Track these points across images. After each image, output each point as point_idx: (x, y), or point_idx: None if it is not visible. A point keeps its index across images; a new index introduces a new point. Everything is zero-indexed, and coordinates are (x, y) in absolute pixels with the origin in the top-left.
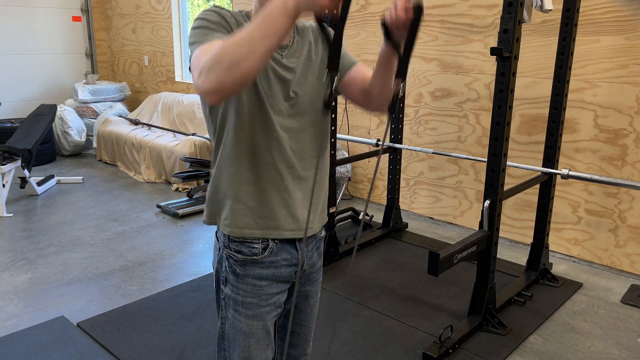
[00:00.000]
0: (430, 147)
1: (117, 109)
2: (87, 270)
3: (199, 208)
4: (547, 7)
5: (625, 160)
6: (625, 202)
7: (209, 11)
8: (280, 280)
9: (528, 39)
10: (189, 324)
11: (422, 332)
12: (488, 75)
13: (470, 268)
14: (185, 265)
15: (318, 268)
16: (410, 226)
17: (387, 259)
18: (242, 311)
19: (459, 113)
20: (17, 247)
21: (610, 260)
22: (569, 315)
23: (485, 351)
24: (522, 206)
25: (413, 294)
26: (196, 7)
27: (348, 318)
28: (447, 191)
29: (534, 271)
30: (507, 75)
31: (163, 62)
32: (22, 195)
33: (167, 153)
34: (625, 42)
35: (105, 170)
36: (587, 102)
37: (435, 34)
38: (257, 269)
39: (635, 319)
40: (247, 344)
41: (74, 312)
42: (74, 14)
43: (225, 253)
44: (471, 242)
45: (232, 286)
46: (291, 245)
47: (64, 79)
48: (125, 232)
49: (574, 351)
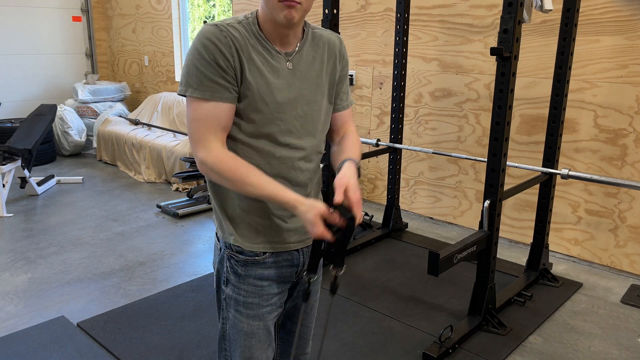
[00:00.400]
0: (430, 147)
1: (117, 109)
2: (87, 270)
3: (199, 208)
4: (547, 7)
5: (625, 160)
6: (625, 202)
7: (206, 42)
8: (282, 281)
9: (528, 39)
10: (189, 324)
11: (422, 332)
12: (488, 75)
13: (470, 268)
14: (185, 265)
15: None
16: (410, 226)
17: (387, 259)
18: (244, 311)
19: (459, 113)
20: (17, 247)
21: (610, 260)
22: (569, 315)
23: (485, 351)
24: (522, 206)
25: (413, 294)
26: (196, 7)
27: (348, 318)
28: (447, 191)
29: (534, 271)
30: (507, 75)
31: (163, 62)
32: (22, 195)
33: (167, 153)
34: (625, 42)
35: (105, 170)
36: (587, 102)
37: (435, 34)
38: (259, 269)
39: (635, 319)
40: (249, 344)
41: (74, 312)
42: (74, 14)
43: (227, 253)
44: (471, 242)
45: (233, 286)
46: None
47: (64, 79)
48: (125, 232)
49: (574, 351)
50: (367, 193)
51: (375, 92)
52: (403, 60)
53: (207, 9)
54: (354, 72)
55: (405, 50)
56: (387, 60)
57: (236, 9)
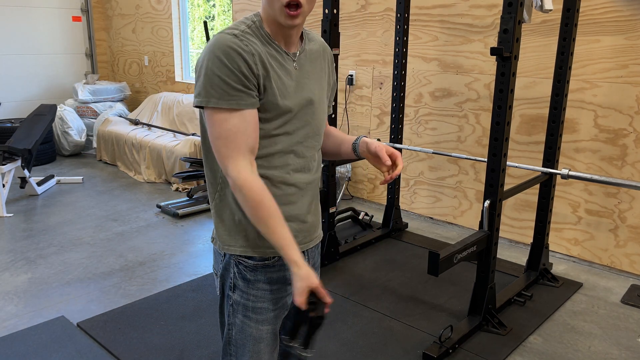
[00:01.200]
0: (430, 147)
1: (117, 109)
2: (87, 270)
3: (199, 208)
4: (547, 7)
5: (625, 160)
6: (625, 202)
7: (227, 52)
8: (289, 283)
9: (528, 39)
10: (189, 324)
11: (422, 332)
12: (488, 75)
13: (470, 268)
14: (185, 265)
15: (317, 266)
16: (410, 226)
17: (387, 259)
18: (253, 316)
19: (459, 113)
20: (17, 247)
21: (610, 260)
22: (569, 315)
23: (485, 351)
24: (522, 206)
25: (413, 294)
26: (196, 7)
27: (348, 318)
28: (447, 191)
29: (534, 271)
30: (507, 75)
31: (163, 62)
32: (22, 195)
33: (167, 153)
34: (625, 42)
35: (105, 170)
36: (587, 102)
37: (435, 34)
38: (268, 272)
39: (635, 319)
40: (257, 349)
41: (74, 312)
42: (74, 14)
43: (234, 259)
44: (471, 242)
45: (241, 292)
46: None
47: (64, 79)
48: (125, 232)
49: (574, 351)
50: (367, 193)
51: (375, 92)
52: (403, 60)
53: (207, 9)
54: (354, 72)
55: (405, 50)
56: (387, 60)
57: (236, 9)
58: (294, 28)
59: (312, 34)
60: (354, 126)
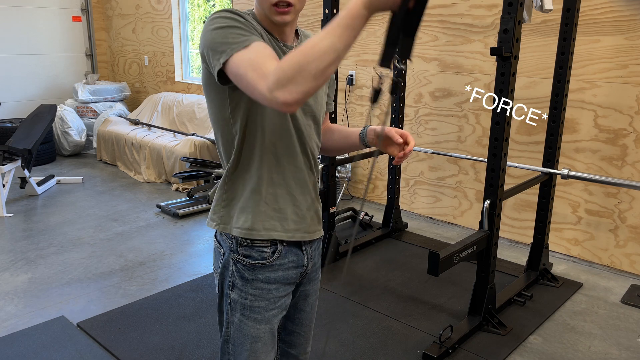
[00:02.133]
0: (430, 147)
1: (117, 109)
2: (87, 270)
3: (199, 208)
4: (547, 7)
5: (625, 160)
6: (625, 202)
7: (228, 12)
8: (288, 283)
9: (528, 39)
10: (189, 324)
11: (422, 332)
12: (488, 75)
13: (470, 268)
14: (185, 265)
15: (318, 267)
16: (410, 226)
17: (387, 259)
18: (251, 315)
19: (459, 113)
20: (17, 247)
21: (610, 260)
22: (569, 315)
23: (485, 351)
24: (522, 206)
25: (413, 294)
26: (196, 7)
27: (348, 318)
28: (447, 191)
29: (534, 271)
30: (507, 75)
31: (163, 62)
32: (22, 195)
33: (167, 153)
34: (625, 42)
35: (105, 170)
36: (587, 102)
37: (435, 34)
38: (267, 272)
39: (635, 319)
40: (255, 348)
41: (74, 312)
42: (74, 14)
43: (233, 258)
44: (471, 242)
45: (240, 291)
46: (297, 247)
47: (64, 79)
48: (125, 232)
49: (574, 351)
50: (367, 193)
51: None
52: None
53: (207, 9)
54: (354, 72)
55: None
56: None
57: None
58: (286, 25)
59: (308, 32)
60: (354, 126)
